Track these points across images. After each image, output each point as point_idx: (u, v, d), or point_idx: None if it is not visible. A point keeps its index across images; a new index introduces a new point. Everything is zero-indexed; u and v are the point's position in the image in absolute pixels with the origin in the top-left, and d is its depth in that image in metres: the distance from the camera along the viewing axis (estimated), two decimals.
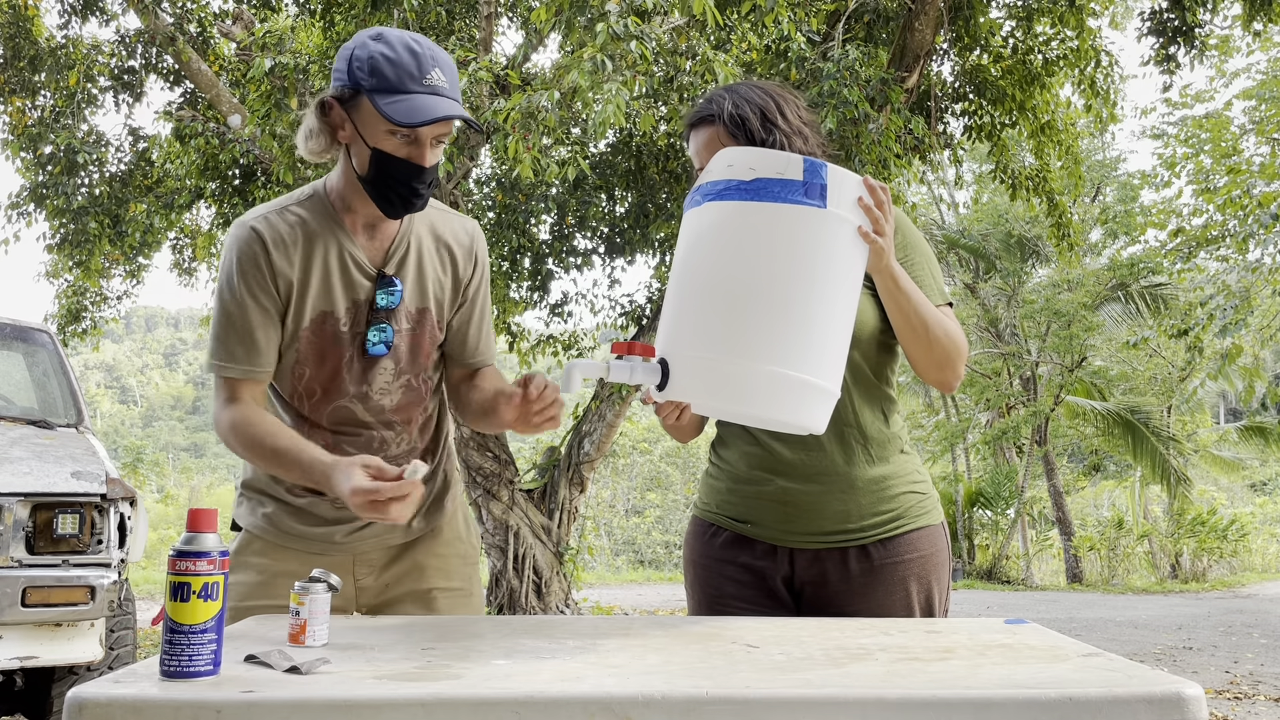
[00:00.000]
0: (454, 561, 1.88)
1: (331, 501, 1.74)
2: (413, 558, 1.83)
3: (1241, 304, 10.32)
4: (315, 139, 1.64)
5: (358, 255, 1.69)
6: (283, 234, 1.66)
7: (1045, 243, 14.59)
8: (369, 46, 1.57)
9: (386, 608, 1.82)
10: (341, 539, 1.76)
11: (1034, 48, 7.30)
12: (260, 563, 1.75)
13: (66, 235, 8.10)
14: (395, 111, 1.53)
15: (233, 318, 1.65)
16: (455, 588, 1.86)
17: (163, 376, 60.65)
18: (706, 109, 1.73)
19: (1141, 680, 1.10)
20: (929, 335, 1.63)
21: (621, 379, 1.41)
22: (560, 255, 8.21)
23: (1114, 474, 22.07)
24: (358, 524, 1.76)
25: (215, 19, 8.23)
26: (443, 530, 1.87)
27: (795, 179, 1.41)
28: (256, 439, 1.62)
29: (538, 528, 7.60)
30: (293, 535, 1.76)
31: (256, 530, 1.78)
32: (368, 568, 1.80)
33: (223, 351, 1.67)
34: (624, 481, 23.27)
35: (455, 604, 1.85)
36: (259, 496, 1.79)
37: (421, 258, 1.73)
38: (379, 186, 1.62)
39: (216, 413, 1.68)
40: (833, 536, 1.71)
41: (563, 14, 5.02)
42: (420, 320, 1.74)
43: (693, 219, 1.50)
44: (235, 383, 1.67)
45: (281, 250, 1.65)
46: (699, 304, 1.43)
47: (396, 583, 1.82)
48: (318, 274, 1.67)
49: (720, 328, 1.39)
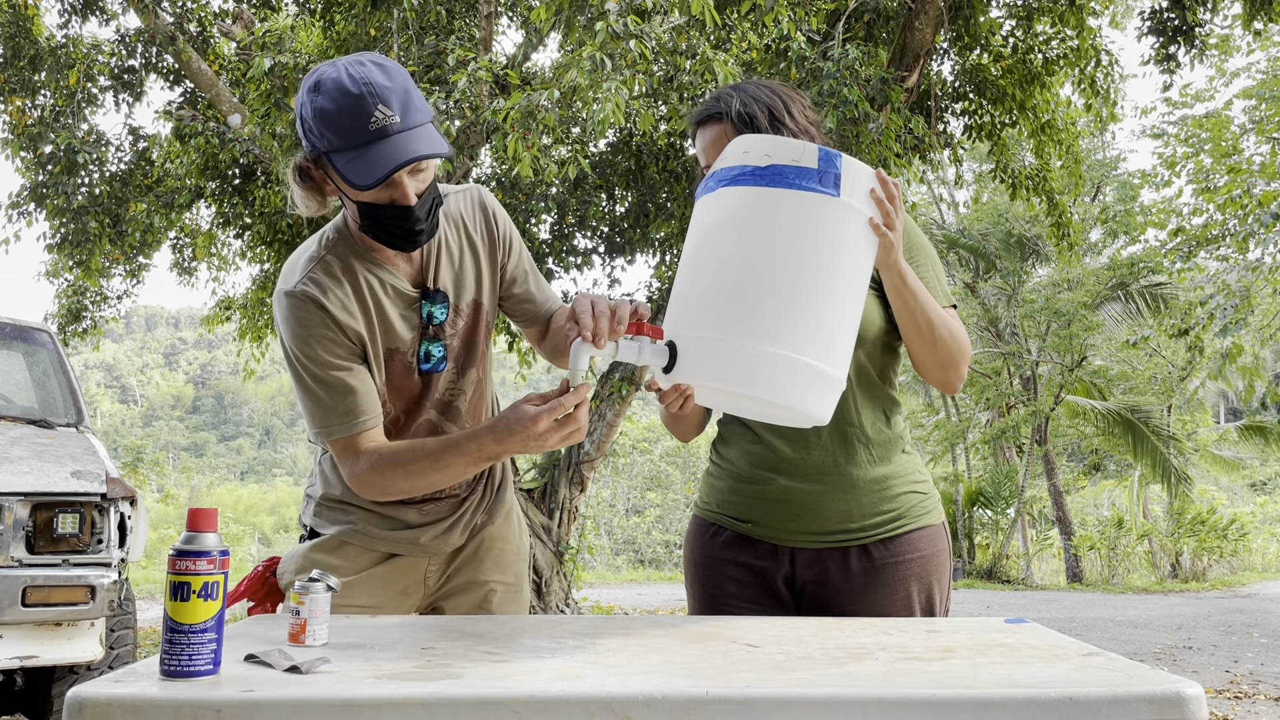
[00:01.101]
0: (509, 556, 1.91)
1: (419, 509, 1.77)
2: (473, 551, 1.86)
3: (1242, 303, 10.32)
4: (307, 202, 1.61)
5: (400, 286, 1.67)
6: (337, 292, 1.61)
7: (1045, 242, 14.59)
8: (310, 104, 1.51)
9: (445, 600, 1.86)
10: (426, 541, 1.79)
11: (1034, 47, 7.29)
12: (342, 564, 1.76)
13: (66, 235, 8.10)
14: (351, 174, 1.47)
15: (324, 384, 1.59)
16: (509, 582, 1.90)
17: (163, 376, 60.66)
18: (714, 107, 1.72)
19: (1142, 680, 1.10)
20: (934, 334, 1.62)
21: (629, 359, 1.40)
22: (560, 255, 8.20)
23: (1114, 473, 22.09)
24: (440, 528, 1.79)
25: (215, 18, 8.23)
26: (500, 524, 1.90)
27: (811, 167, 1.40)
28: (409, 459, 1.59)
29: (538, 527, 7.60)
30: (376, 539, 1.78)
31: (341, 535, 1.78)
32: (436, 565, 1.84)
33: (329, 420, 1.60)
34: (624, 481, 23.28)
35: (507, 598, 1.89)
36: (344, 507, 1.78)
37: (454, 255, 1.73)
38: (377, 234, 1.59)
39: (349, 476, 1.63)
40: (834, 536, 1.71)
41: (562, 13, 5.02)
42: (475, 312, 1.75)
43: (706, 204, 1.50)
44: (351, 439, 1.61)
45: (344, 311, 1.61)
46: (710, 287, 1.42)
47: (456, 574, 1.86)
48: (378, 317, 1.65)
49: (731, 310, 1.38)
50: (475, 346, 1.76)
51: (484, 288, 1.76)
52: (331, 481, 1.80)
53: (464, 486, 1.82)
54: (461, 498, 1.82)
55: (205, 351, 60.67)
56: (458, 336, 1.73)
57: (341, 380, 1.60)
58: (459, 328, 1.73)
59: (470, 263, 1.75)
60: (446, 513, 1.80)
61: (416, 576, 1.83)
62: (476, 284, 1.75)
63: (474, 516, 1.84)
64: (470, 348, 1.75)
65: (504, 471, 1.91)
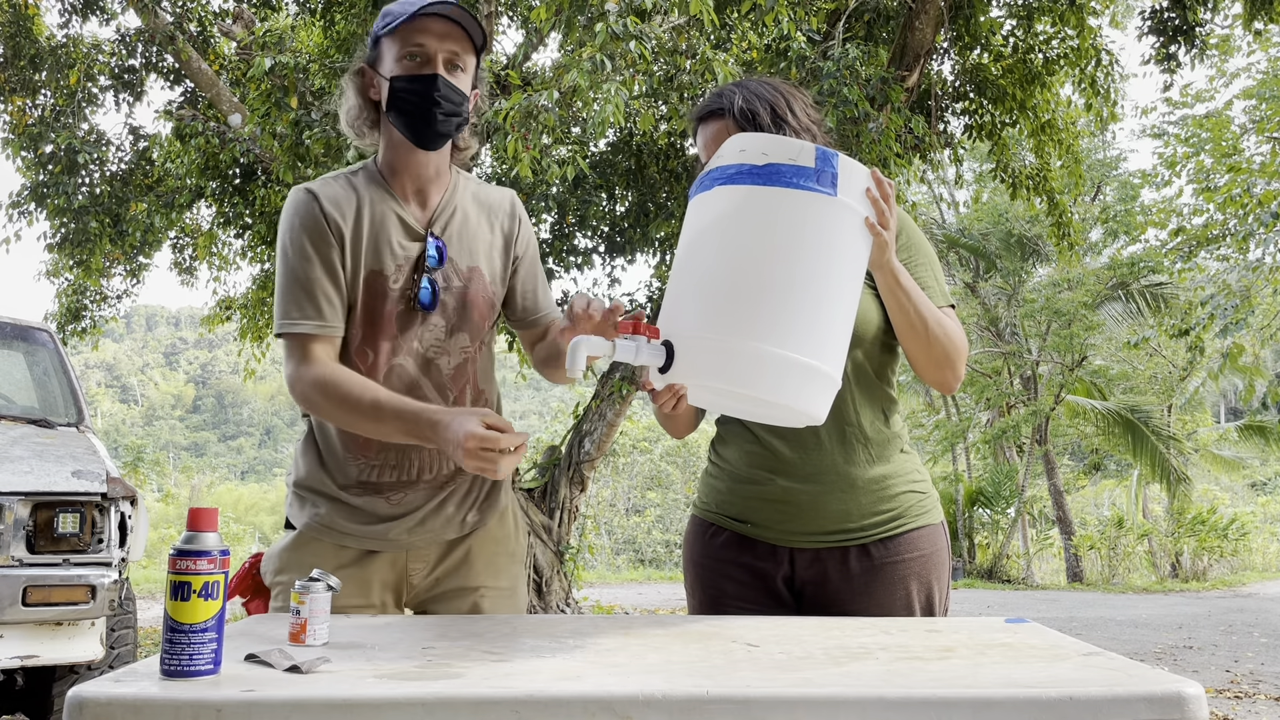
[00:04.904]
0: (502, 559, 1.86)
1: (387, 498, 1.73)
2: (464, 554, 1.81)
3: (1242, 303, 10.32)
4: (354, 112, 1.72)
5: (406, 216, 1.72)
6: (336, 193, 1.70)
7: (1045, 242, 14.60)
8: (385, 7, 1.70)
9: (433, 604, 1.81)
10: (396, 535, 1.74)
11: (1034, 46, 7.28)
12: (313, 562, 1.73)
13: (67, 234, 8.09)
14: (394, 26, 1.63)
15: (297, 275, 1.65)
16: (502, 586, 1.85)
17: (163, 376, 60.66)
18: (716, 103, 1.72)
19: (1142, 679, 1.10)
20: (928, 334, 1.62)
21: (626, 358, 1.39)
22: (561, 254, 8.20)
23: (1114, 473, 22.09)
24: (413, 520, 1.74)
25: (215, 18, 8.23)
26: (494, 527, 1.86)
27: (808, 166, 1.41)
28: (351, 395, 1.59)
29: (538, 527, 7.59)
30: (344, 534, 1.74)
31: (310, 530, 1.76)
32: (421, 564, 1.78)
33: (293, 310, 1.64)
34: (624, 480, 23.28)
35: (500, 602, 1.84)
36: (312, 496, 1.77)
37: (468, 218, 1.78)
38: (401, 112, 1.67)
39: (292, 376, 1.64)
40: (833, 536, 1.71)
41: (562, 13, 5.02)
42: (471, 278, 1.75)
43: (701, 202, 1.49)
44: (308, 341, 1.64)
45: (335, 207, 1.69)
46: (706, 285, 1.42)
47: (446, 578, 1.81)
48: (369, 231, 1.70)
49: (729, 309, 1.38)
50: (469, 315, 1.75)
51: (491, 263, 1.78)
52: (302, 467, 1.78)
53: (439, 475, 1.76)
54: (437, 486, 1.76)
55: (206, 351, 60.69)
56: (451, 294, 1.73)
57: (313, 276, 1.65)
58: (453, 286, 1.73)
59: (483, 234, 1.78)
60: (420, 503, 1.75)
61: (396, 576, 1.77)
62: (486, 257, 1.78)
63: (459, 513, 1.79)
64: (463, 313, 1.74)
65: None
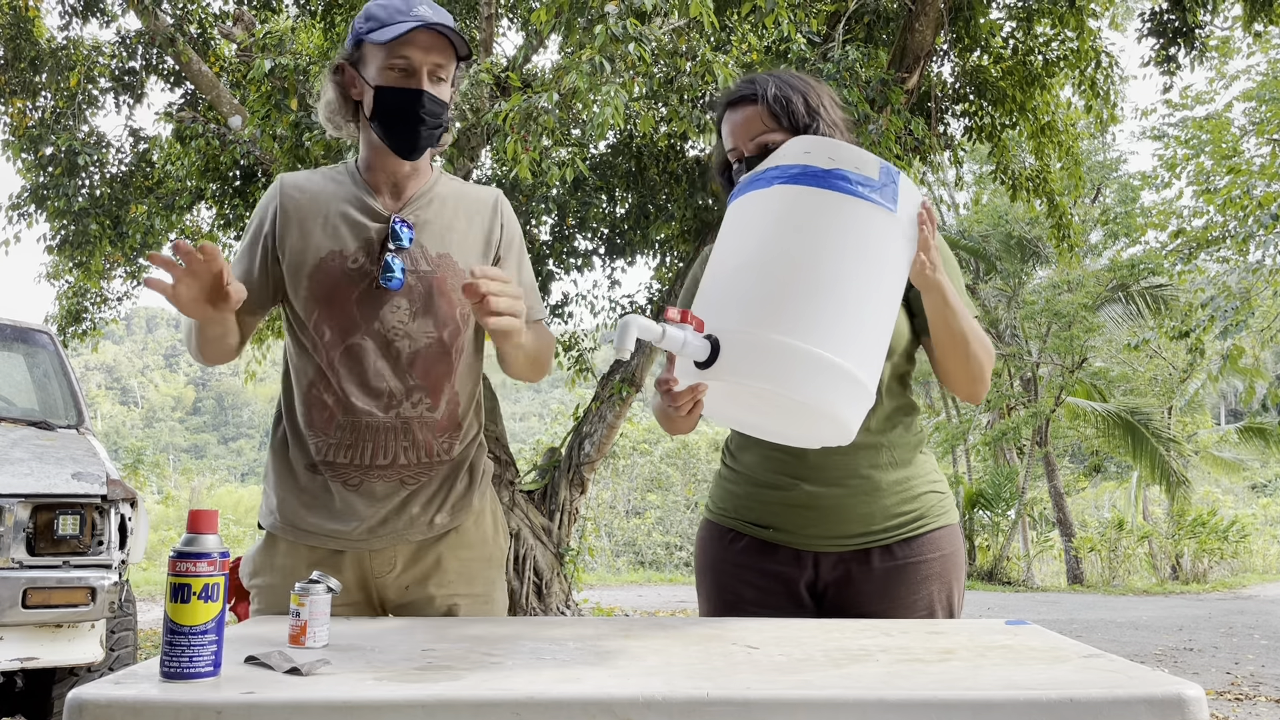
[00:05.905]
0: (476, 565, 1.79)
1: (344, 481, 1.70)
2: (434, 558, 1.75)
3: (1242, 305, 10.32)
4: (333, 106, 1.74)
5: (371, 203, 1.74)
6: (304, 180, 1.77)
7: (1045, 244, 14.60)
8: (362, 11, 1.71)
9: (405, 611, 1.75)
10: (358, 535, 1.70)
11: (1034, 49, 7.29)
12: (284, 563, 1.72)
13: (67, 236, 8.09)
14: (380, 36, 1.64)
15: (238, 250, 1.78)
16: (476, 593, 1.78)
17: (163, 378, 60.64)
18: (748, 89, 1.69)
19: (1142, 681, 1.10)
20: (969, 349, 1.62)
21: (673, 348, 1.34)
22: (560, 256, 8.21)
23: (1114, 475, 22.08)
24: (374, 519, 1.70)
25: (215, 20, 8.23)
26: (468, 530, 1.79)
27: (873, 178, 1.40)
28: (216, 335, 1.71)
29: (538, 529, 7.59)
30: (306, 532, 1.71)
31: (275, 530, 1.74)
32: (387, 566, 1.73)
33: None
34: (624, 482, 23.25)
35: (475, 610, 1.77)
36: (272, 482, 1.76)
37: (443, 207, 1.78)
38: (385, 123, 1.69)
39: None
40: (857, 539, 1.70)
41: (562, 15, 5.02)
42: (440, 264, 1.73)
43: (756, 200, 1.46)
44: None
45: (299, 190, 1.75)
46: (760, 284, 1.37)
47: (416, 585, 1.75)
48: (327, 215, 1.73)
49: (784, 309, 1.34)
50: (435, 302, 1.71)
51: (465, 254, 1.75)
52: (273, 447, 1.78)
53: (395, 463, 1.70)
54: (398, 481, 1.71)
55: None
56: (418, 276, 1.71)
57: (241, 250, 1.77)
58: (420, 269, 1.72)
59: (459, 228, 1.77)
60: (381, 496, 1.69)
61: (361, 576, 1.73)
62: (459, 248, 1.75)
63: (425, 514, 1.73)
64: (429, 299, 1.71)
65: (478, 472, 1.81)
